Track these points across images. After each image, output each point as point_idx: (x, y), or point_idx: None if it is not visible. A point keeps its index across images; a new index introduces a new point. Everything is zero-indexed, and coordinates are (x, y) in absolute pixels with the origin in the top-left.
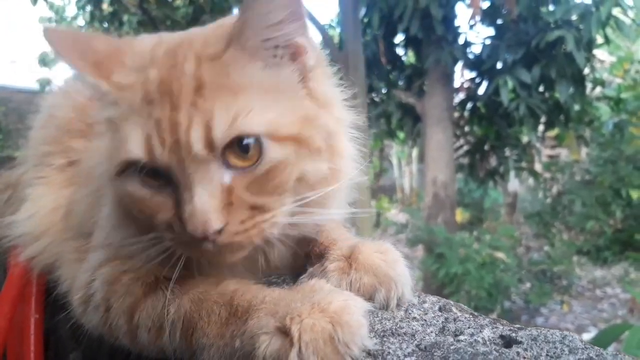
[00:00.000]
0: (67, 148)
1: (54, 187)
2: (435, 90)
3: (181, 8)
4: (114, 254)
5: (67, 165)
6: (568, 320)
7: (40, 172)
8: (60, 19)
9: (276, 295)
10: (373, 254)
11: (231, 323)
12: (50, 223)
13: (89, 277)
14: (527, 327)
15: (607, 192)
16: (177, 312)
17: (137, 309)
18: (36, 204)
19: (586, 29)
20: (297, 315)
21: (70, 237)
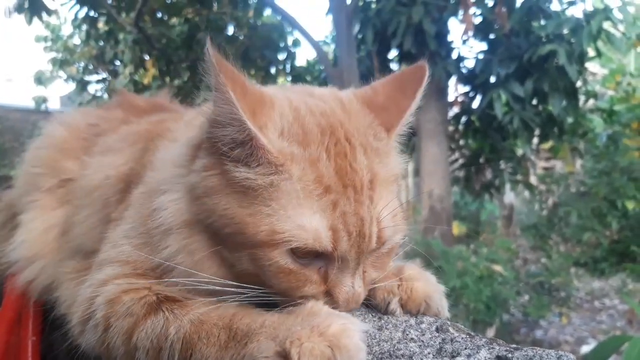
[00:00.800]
0: (58, 168)
1: (45, 210)
2: (430, 105)
3: (177, 26)
4: (129, 271)
5: (57, 187)
6: (567, 332)
7: (31, 196)
8: (56, 37)
9: (275, 320)
10: (413, 270)
11: (230, 347)
12: (43, 244)
13: (92, 294)
14: (523, 348)
15: (603, 203)
16: (177, 333)
17: (136, 329)
18: (27, 228)
19: (578, 42)
20: (296, 339)
21: (67, 256)
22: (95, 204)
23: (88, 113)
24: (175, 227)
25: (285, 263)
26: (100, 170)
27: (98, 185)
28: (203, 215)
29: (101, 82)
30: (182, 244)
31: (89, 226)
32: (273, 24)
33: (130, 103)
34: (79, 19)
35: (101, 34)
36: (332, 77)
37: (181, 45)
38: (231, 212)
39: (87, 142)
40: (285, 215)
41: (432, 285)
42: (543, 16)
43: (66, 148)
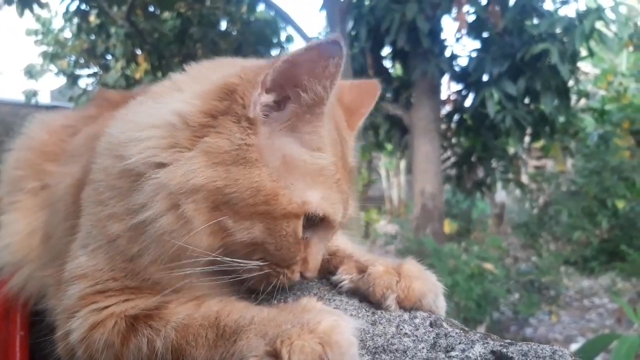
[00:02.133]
0: (40, 171)
1: (28, 211)
2: (423, 103)
3: (169, 21)
4: (88, 289)
5: (40, 189)
6: (556, 330)
7: (13, 197)
8: (47, 31)
9: (265, 315)
10: (413, 267)
11: (220, 345)
12: (28, 248)
13: (65, 326)
14: (518, 343)
15: (593, 202)
16: (164, 345)
17: (122, 358)
18: (10, 231)
19: (570, 42)
20: (287, 337)
21: (49, 261)
22: (60, 215)
23: (67, 115)
24: (181, 191)
25: (299, 232)
26: (62, 180)
27: (60, 196)
28: (222, 183)
29: (92, 76)
30: (180, 212)
31: (59, 236)
32: (266, 20)
33: (105, 99)
34: (70, 12)
35: (92, 27)
36: None
37: (173, 40)
38: (265, 185)
39: (65, 144)
40: (315, 186)
41: (430, 285)
42: (536, 15)
43: (47, 151)
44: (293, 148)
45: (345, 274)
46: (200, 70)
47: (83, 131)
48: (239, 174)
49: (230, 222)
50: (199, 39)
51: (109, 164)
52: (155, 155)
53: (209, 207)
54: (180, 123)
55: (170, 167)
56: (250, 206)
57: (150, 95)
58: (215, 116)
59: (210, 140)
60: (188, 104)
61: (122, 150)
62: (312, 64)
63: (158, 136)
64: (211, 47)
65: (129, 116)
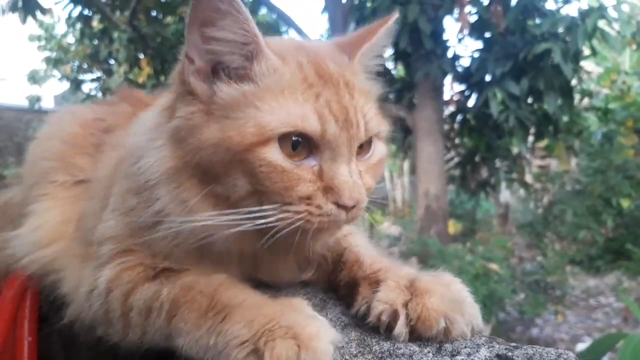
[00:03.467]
0: (71, 165)
1: (61, 201)
2: (425, 103)
3: (171, 25)
4: (117, 248)
5: (72, 184)
6: (563, 330)
7: (42, 190)
8: (50, 36)
9: (256, 301)
10: (436, 285)
11: (209, 317)
12: (61, 234)
13: (94, 275)
14: (523, 346)
15: (598, 201)
16: (168, 294)
17: (132, 292)
18: (43, 217)
19: (573, 41)
20: (271, 340)
21: (79, 244)
22: (100, 195)
23: (94, 108)
24: (163, 177)
25: (277, 160)
26: (109, 164)
27: (104, 177)
28: (190, 156)
29: (95, 81)
30: (173, 194)
31: (94, 216)
32: (268, 23)
33: (137, 98)
34: (73, 17)
35: (95, 32)
36: None
37: (176, 44)
38: (217, 137)
39: (95, 138)
40: (271, 109)
41: (454, 302)
42: (538, 15)
43: (78, 144)
44: (230, 89)
45: (364, 301)
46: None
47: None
48: (197, 142)
49: (219, 188)
50: None
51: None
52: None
53: (193, 183)
54: (160, 118)
55: (148, 158)
56: (221, 163)
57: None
58: (172, 105)
59: (170, 125)
60: (165, 99)
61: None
62: (206, 14)
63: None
64: None
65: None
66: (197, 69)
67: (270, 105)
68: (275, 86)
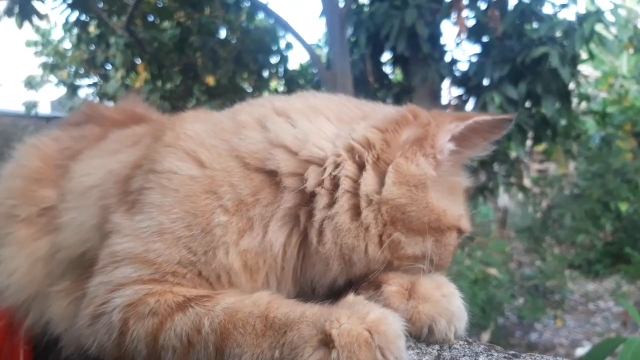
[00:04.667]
0: (34, 198)
1: (25, 242)
2: (423, 108)
3: (168, 30)
4: (149, 275)
5: (37, 216)
6: (562, 335)
7: (6, 229)
8: (46, 42)
9: (316, 311)
10: (433, 289)
11: (268, 335)
12: (31, 283)
13: (106, 295)
14: (522, 354)
15: (596, 205)
16: (211, 324)
17: (162, 329)
18: (10, 268)
19: (570, 45)
20: (335, 319)
21: (57, 278)
22: (89, 200)
23: (59, 138)
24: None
25: (456, 241)
26: (96, 170)
27: (95, 184)
28: (405, 201)
29: (92, 87)
30: (362, 216)
31: (80, 223)
32: (266, 28)
33: (104, 116)
34: (70, 23)
35: (92, 37)
36: (326, 80)
37: (173, 49)
38: (434, 204)
39: (61, 169)
40: (461, 207)
41: (443, 308)
42: (536, 19)
43: (41, 178)
44: (453, 177)
45: (364, 293)
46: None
47: (108, 138)
48: (418, 196)
49: (402, 237)
50: (199, 47)
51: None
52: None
53: (385, 220)
54: (364, 144)
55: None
56: (423, 223)
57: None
58: (403, 146)
59: (402, 162)
60: (369, 131)
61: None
62: (487, 130)
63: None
64: (211, 55)
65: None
66: (451, 150)
67: (461, 201)
68: (464, 185)
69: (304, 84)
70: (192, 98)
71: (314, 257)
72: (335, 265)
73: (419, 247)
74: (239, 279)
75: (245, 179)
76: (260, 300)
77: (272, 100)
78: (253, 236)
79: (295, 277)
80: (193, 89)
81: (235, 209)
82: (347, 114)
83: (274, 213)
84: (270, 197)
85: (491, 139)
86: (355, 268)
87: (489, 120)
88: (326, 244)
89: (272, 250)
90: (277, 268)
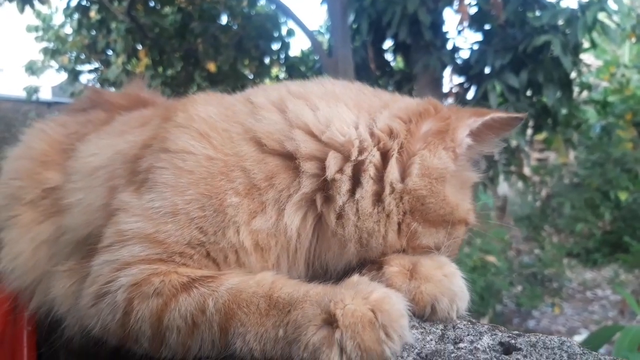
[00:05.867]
0: (40, 179)
1: (29, 226)
2: (424, 95)
3: (169, 15)
4: (157, 255)
5: (40, 199)
6: (559, 322)
7: (11, 210)
8: (47, 27)
9: (320, 290)
10: (434, 269)
11: (272, 315)
12: (36, 267)
13: (111, 274)
14: (526, 334)
15: (596, 194)
16: (215, 304)
17: (166, 310)
18: (14, 252)
19: (572, 33)
20: (340, 300)
21: (62, 258)
22: (97, 181)
23: (66, 123)
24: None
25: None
26: (103, 151)
27: (103, 164)
28: (425, 192)
29: (93, 72)
30: (384, 203)
31: (88, 204)
32: (267, 14)
33: (110, 102)
34: (71, 8)
35: (93, 23)
36: (327, 67)
37: (174, 35)
38: (450, 197)
39: (67, 153)
40: (469, 201)
41: (444, 287)
42: (538, 7)
43: (47, 161)
44: (466, 172)
45: (367, 274)
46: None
47: (114, 122)
48: (438, 188)
49: (419, 228)
50: (200, 33)
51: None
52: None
53: (405, 209)
54: (388, 133)
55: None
56: (439, 215)
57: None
58: (424, 137)
59: (426, 155)
60: (394, 121)
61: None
62: (501, 127)
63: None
64: (212, 41)
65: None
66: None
67: (469, 196)
68: (473, 179)
69: (305, 71)
70: (193, 84)
71: (330, 239)
72: (353, 248)
73: (432, 238)
74: (249, 259)
75: (260, 163)
76: (264, 280)
77: (288, 85)
78: (266, 218)
79: (308, 259)
80: (194, 75)
81: (247, 192)
82: (365, 102)
83: (290, 197)
84: (286, 182)
85: (501, 136)
86: (371, 252)
87: (504, 117)
88: (346, 227)
89: (286, 233)
90: (289, 250)
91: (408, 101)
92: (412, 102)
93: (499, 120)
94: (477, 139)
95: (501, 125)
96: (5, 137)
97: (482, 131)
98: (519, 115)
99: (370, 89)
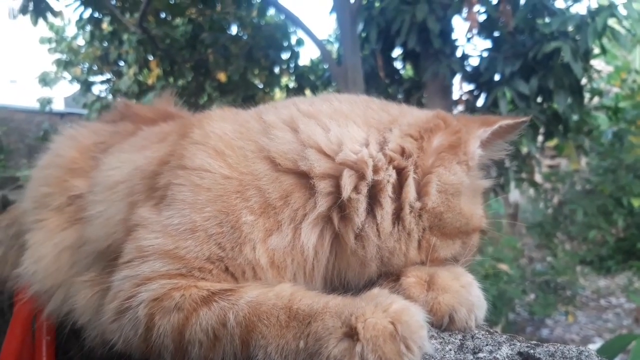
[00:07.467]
0: (67, 186)
1: (54, 231)
2: (434, 103)
3: (180, 26)
4: (177, 270)
5: (66, 205)
6: (573, 331)
7: (38, 215)
8: (60, 39)
9: (339, 302)
10: (451, 280)
11: (292, 326)
12: (58, 272)
13: (132, 289)
14: (544, 344)
15: (608, 201)
16: (235, 317)
17: (188, 324)
18: (37, 255)
19: (582, 39)
20: (361, 314)
21: (83, 269)
22: (117, 195)
23: (96, 130)
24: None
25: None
26: (123, 165)
27: (123, 179)
28: (443, 208)
29: (105, 83)
30: (404, 221)
31: (108, 217)
32: (277, 23)
33: (138, 115)
34: (83, 19)
35: (105, 34)
36: (336, 76)
37: (185, 46)
38: (464, 209)
39: (95, 161)
40: (479, 208)
41: (462, 298)
42: (547, 13)
43: (76, 168)
44: (477, 180)
45: (384, 285)
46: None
47: (136, 135)
48: (454, 203)
49: (438, 242)
50: (210, 44)
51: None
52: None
53: (424, 225)
54: (401, 152)
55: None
56: (455, 227)
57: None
58: (435, 152)
59: (442, 172)
60: (405, 140)
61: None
62: (508, 132)
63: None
64: (222, 51)
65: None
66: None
67: (480, 203)
68: (484, 186)
69: (314, 80)
70: (204, 94)
71: (350, 258)
72: (374, 266)
73: (450, 249)
74: (265, 275)
75: (274, 182)
76: (283, 292)
77: (297, 103)
78: (282, 236)
79: (325, 275)
80: (205, 85)
81: (262, 211)
82: (373, 117)
83: (306, 216)
84: (301, 201)
85: (509, 140)
86: (392, 268)
87: (511, 123)
88: (367, 247)
89: (303, 251)
90: (306, 268)
91: (416, 114)
92: (420, 116)
93: (507, 127)
94: (486, 147)
95: (509, 130)
96: (19, 147)
97: (491, 139)
98: (524, 118)
99: (377, 102)
